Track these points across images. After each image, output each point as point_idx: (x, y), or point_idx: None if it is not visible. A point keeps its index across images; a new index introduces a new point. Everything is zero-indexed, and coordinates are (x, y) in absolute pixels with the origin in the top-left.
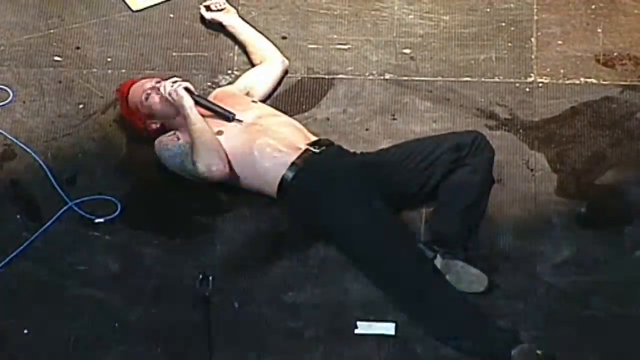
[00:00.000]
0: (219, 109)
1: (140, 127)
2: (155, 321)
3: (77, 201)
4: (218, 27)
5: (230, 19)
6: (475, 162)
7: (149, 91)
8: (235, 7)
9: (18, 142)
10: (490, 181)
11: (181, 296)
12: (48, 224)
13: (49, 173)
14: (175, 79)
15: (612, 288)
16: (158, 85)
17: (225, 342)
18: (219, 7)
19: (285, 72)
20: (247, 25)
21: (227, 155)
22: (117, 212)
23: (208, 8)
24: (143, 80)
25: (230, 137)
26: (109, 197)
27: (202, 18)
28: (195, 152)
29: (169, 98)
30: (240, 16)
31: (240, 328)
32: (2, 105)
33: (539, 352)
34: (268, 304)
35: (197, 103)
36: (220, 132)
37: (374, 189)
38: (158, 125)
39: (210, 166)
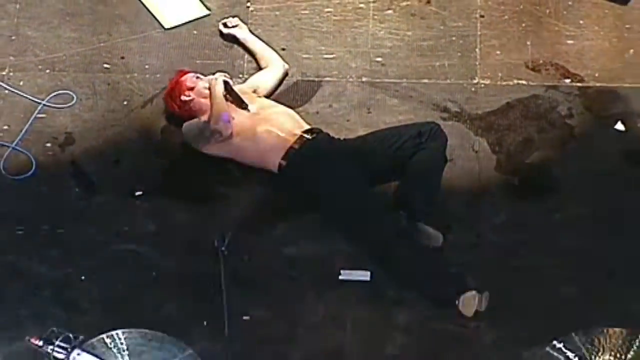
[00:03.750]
0: (237, 97)
1: (178, 98)
2: (184, 271)
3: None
4: (232, 40)
5: (242, 33)
6: (433, 146)
7: (198, 75)
8: (246, 25)
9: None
10: (444, 160)
11: (204, 251)
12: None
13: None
14: (223, 73)
15: (538, 244)
16: (203, 77)
17: (237, 288)
18: (234, 24)
19: (286, 74)
20: (256, 39)
21: (235, 136)
22: (32, 170)
23: (225, 25)
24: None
25: (239, 122)
26: (25, 152)
27: (220, 33)
28: (212, 113)
29: (210, 81)
30: (249, 31)
31: (249, 276)
32: (68, 106)
33: (479, 295)
34: (271, 257)
35: (225, 88)
36: (232, 117)
37: (356, 167)
38: (191, 97)
39: (218, 121)
